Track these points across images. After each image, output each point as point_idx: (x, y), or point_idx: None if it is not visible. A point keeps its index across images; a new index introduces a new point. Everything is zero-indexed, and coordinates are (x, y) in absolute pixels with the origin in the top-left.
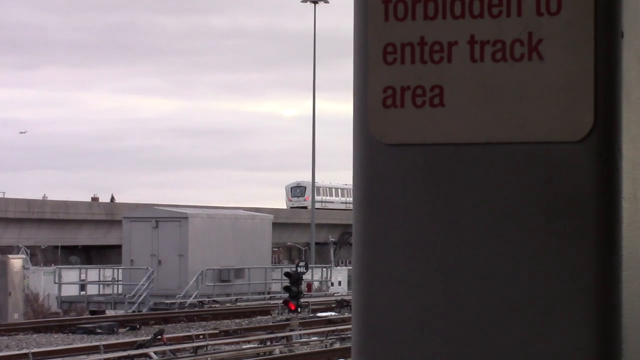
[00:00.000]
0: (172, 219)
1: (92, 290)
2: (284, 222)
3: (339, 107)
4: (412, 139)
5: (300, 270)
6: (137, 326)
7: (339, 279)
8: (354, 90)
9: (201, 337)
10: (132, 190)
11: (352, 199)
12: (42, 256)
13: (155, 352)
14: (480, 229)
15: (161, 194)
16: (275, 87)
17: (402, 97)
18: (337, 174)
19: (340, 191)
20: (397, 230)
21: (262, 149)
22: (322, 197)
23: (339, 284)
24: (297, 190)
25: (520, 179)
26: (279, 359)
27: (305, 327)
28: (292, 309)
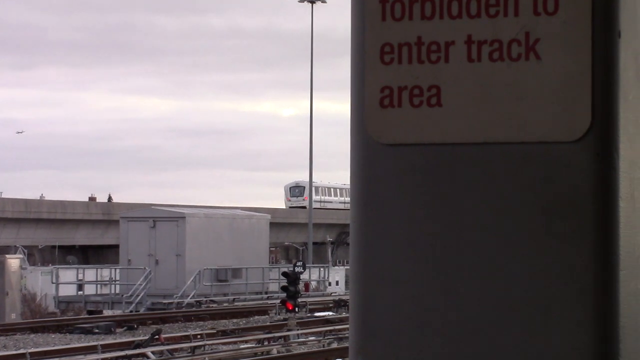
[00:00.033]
0: (170, 218)
1: (89, 290)
2: (282, 221)
3: (337, 107)
4: (409, 138)
5: (297, 270)
6: (135, 326)
7: (336, 279)
8: (351, 90)
9: (199, 337)
10: (130, 190)
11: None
12: (40, 256)
13: (152, 352)
14: (477, 228)
15: (160, 194)
16: (273, 87)
17: (400, 97)
18: (336, 174)
19: (339, 191)
20: (395, 230)
21: (261, 149)
22: (321, 197)
23: (337, 283)
24: (296, 190)
25: (517, 179)
26: (276, 359)
27: (302, 327)
28: (290, 308)
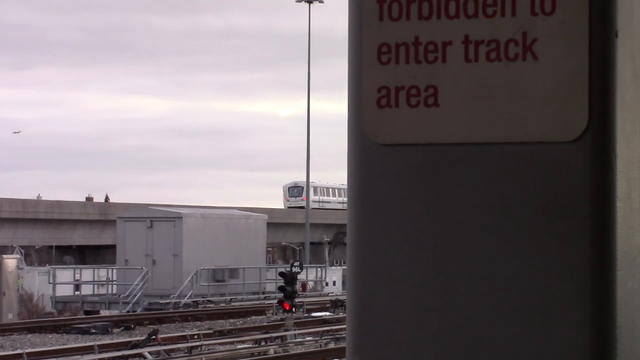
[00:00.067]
0: (167, 218)
1: (86, 290)
2: (279, 221)
3: (335, 107)
4: (406, 139)
5: (294, 270)
6: (132, 326)
7: (333, 279)
8: (348, 90)
9: (195, 337)
10: (128, 190)
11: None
12: (37, 256)
13: (149, 352)
14: (474, 228)
15: (158, 194)
16: (271, 87)
17: (397, 97)
18: (333, 174)
19: (337, 191)
20: (392, 230)
21: (259, 149)
22: (319, 197)
23: (334, 283)
24: (295, 190)
25: (514, 179)
26: (273, 359)
27: (299, 327)
28: (287, 308)
